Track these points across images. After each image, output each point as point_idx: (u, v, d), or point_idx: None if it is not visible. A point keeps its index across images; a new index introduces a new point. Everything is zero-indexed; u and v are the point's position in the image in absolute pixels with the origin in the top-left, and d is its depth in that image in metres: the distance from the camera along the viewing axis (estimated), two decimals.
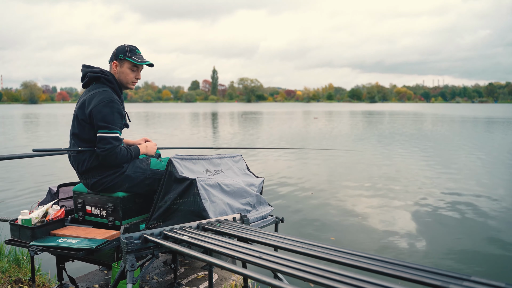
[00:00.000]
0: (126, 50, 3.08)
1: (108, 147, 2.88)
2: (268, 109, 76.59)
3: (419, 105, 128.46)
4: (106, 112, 2.90)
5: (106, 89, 3.01)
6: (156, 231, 2.16)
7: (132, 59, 3.07)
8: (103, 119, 2.89)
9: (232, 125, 32.52)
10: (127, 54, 3.07)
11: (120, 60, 3.09)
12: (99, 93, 2.96)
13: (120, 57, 3.08)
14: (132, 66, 3.09)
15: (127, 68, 3.10)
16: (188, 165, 3.00)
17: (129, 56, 3.07)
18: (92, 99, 2.93)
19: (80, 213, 3.14)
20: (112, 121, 2.92)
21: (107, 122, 2.90)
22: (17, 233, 2.84)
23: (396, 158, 13.67)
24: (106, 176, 2.96)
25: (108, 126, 2.90)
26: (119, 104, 3.02)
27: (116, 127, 2.94)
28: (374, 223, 6.54)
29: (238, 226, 2.28)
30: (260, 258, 1.64)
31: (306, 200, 8.01)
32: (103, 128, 2.89)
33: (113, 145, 2.90)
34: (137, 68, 3.13)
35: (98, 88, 3.01)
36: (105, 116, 2.89)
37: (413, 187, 9.16)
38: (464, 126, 31.68)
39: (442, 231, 6.18)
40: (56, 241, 2.69)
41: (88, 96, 2.97)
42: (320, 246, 1.78)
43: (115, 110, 2.95)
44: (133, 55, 3.09)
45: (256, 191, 3.33)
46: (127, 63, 3.09)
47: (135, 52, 3.11)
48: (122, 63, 3.09)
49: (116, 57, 3.10)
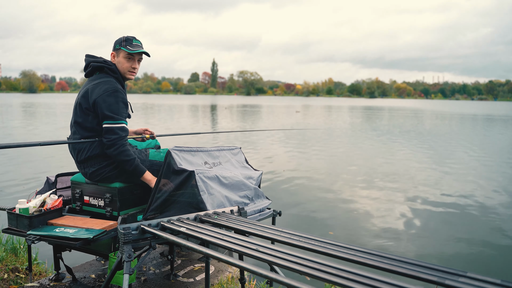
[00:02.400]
0: (122, 40, 3.09)
1: (114, 137, 2.88)
2: (261, 103, 76.41)
3: (419, 101, 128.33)
4: (111, 101, 2.90)
5: (110, 79, 3.01)
6: (153, 222, 2.16)
7: (126, 48, 3.07)
8: (108, 108, 2.89)
9: (216, 116, 32.53)
10: (122, 44, 3.08)
11: (116, 50, 3.11)
12: (103, 83, 2.96)
13: (116, 47, 3.10)
14: (127, 55, 3.09)
15: (122, 57, 3.09)
16: (187, 157, 2.99)
17: (124, 46, 3.07)
18: (96, 88, 2.93)
19: (77, 203, 3.15)
20: (117, 110, 2.92)
21: (112, 112, 2.90)
22: (14, 222, 2.84)
23: (396, 154, 13.69)
24: (105, 166, 2.97)
25: (113, 116, 2.89)
26: (124, 93, 3.02)
27: (121, 117, 2.94)
28: (372, 218, 6.56)
29: (235, 219, 2.29)
30: (257, 251, 1.64)
31: (304, 194, 8.03)
32: (109, 118, 2.89)
33: (119, 135, 2.90)
34: (132, 57, 3.11)
35: (102, 78, 3.01)
36: (110, 105, 2.89)
37: (412, 183, 9.18)
38: (463, 123, 31.71)
39: (439, 227, 6.20)
40: (54, 231, 2.69)
41: (92, 85, 2.96)
42: (317, 239, 1.79)
43: (120, 100, 2.95)
44: (128, 44, 3.08)
45: (254, 184, 3.33)
46: (122, 52, 3.09)
47: (131, 42, 3.10)
48: (118, 53, 3.11)
49: (113, 47, 3.13)
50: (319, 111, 47.92)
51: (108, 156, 2.96)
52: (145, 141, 3.49)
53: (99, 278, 3.20)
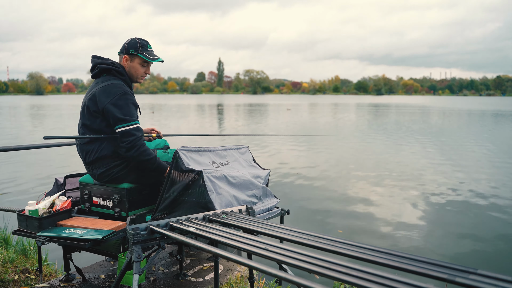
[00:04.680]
0: (138, 45, 3.05)
1: (132, 139, 2.88)
2: (267, 101, 76.31)
3: (426, 98, 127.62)
4: (121, 105, 2.89)
5: (117, 82, 2.99)
6: (162, 222, 2.17)
7: (143, 56, 3.04)
8: (120, 112, 2.88)
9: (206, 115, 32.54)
10: (139, 50, 3.04)
11: (131, 55, 3.07)
12: (112, 86, 2.94)
13: (131, 52, 3.05)
14: (143, 62, 3.08)
15: (138, 63, 3.08)
16: (194, 157, 3.00)
17: (141, 52, 3.05)
18: (104, 92, 2.91)
19: (86, 204, 3.16)
20: (129, 112, 2.91)
21: (124, 114, 2.89)
22: (24, 224, 2.86)
23: (404, 152, 13.63)
24: (113, 167, 2.97)
25: (126, 119, 2.89)
26: (133, 95, 3.02)
27: (134, 118, 2.94)
28: (381, 216, 6.53)
29: (244, 218, 2.29)
30: (265, 250, 1.64)
31: (312, 192, 8.02)
32: (122, 121, 2.88)
33: (136, 136, 2.90)
34: (147, 64, 3.11)
35: (110, 80, 2.99)
36: (121, 109, 2.89)
37: (421, 180, 9.14)
38: (472, 119, 31.49)
39: (449, 224, 6.17)
40: (63, 232, 2.71)
41: (100, 88, 2.94)
42: (326, 238, 1.78)
43: (130, 102, 2.94)
44: (145, 51, 3.06)
45: (262, 183, 3.33)
46: (138, 58, 3.06)
47: (147, 47, 3.07)
48: (133, 58, 3.07)
49: (127, 51, 3.07)
50: (310, 108, 47.74)
51: (116, 157, 2.97)
52: (151, 141, 3.50)
53: (109, 279, 3.21)
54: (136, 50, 3.05)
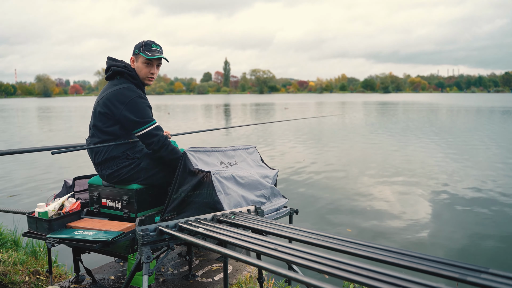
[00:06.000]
0: (141, 45, 3.10)
1: (156, 139, 2.94)
2: (273, 100, 76.25)
3: (434, 95, 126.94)
4: (137, 108, 2.93)
5: (130, 85, 3.03)
6: (171, 223, 2.18)
7: (144, 54, 3.07)
8: (137, 115, 2.92)
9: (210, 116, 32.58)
10: (141, 49, 3.09)
11: (136, 55, 3.13)
12: (124, 89, 2.98)
13: (135, 52, 3.12)
14: (146, 60, 3.10)
15: (141, 62, 3.11)
16: (202, 157, 3.01)
17: (142, 51, 3.08)
18: (117, 95, 2.95)
19: (95, 206, 3.18)
20: (146, 115, 2.96)
21: (142, 117, 2.93)
22: (34, 226, 2.88)
23: (413, 149, 13.56)
24: (122, 168, 3.00)
25: (145, 121, 2.94)
26: (146, 98, 3.06)
27: (152, 118, 2.99)
28: (391, 215, 6.51)
29: (252, 218, 2.29)
30: (274, 250, 1.64)
31: (321, 191, 8.00)
32: (141, 124, 2.93)
33: (159, 135, 2.96)
34: (151, 62, 3.12)
35: (123, 84, 3.03)
36: (138, 112, 2.93)
37: (432, 178, 9.09)
38: (481, 116, 31.28)
39: (460, 223, 6.13)
40: (73, 234, 2.73)
41: (112, 92, 2.98)
42: (335, 238, 1.78)
43: (145, 105, 2.99)
44: (147, 49, 3.09)
45: (271, 183, 3.33)
46: (141, 57, 3.10)
47: (150, 46, 3.10)
48: (137, 58, 3.12)
49: (133, 52, 3.15)
50: (312, 107, 47.69)
51: (125, 158, 3.00)
52: None
53: (119, 280, 3.23)
54: (139, 49, 3.10)
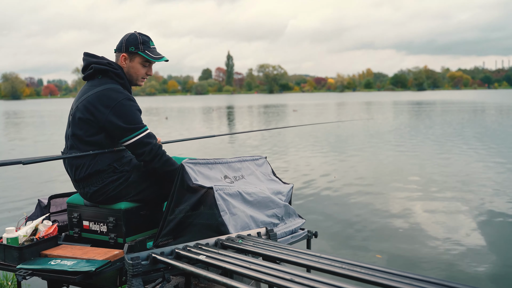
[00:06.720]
0: (139, 42, 3.08)
1: (149, 148, 2.94)
2: (285, 101, 76.33)
3: (479, 92, 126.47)
4: (125, 112, 2.94)
5: (115, 86, 3.02)
6: (166, 250, 2.18)
7: (145, 54, 3.08)
8: (126, 121, 2.92)
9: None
10: (140, 47, 3.08)
11: (130, 53, 3.10)
12: (109, 91, 2.96)
13: (131, 50, 3.08)
14: (145, 61, 3.12)
15: (138, 63, 3.12)
16: (203, 170, 3.01)
17: (142, 50, 3.08)
18: (101, 98, 2.93)
19: (75, 230, 3.18)
20: (135, 120, 2.97)
21: (131, 123, 2.94)
22: (1, 255, 2.87)
23: (454, 159, 13.51)
24: (109, 183, 2.98)
25: (135, 128, 2.94)
26: (135, 100, 3.05)
27: (142, 124, 2.99)
28: (429, 237, 6.47)
29: (263, 243, 2.29)
30: (290, 281, 1.65)
31: (344, 210, 7.98)
32: (131, 131, 2.93)
33: (152, 143, 2.96)
34: (149, 64, 3.15)
35: (107, 84, 3.01)
36: (127, 117, 2.93)
37: (477, 193, 9.01)
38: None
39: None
40: (48, 263, 2.73)
41: (95, 94, 2.96)
42: (363, 266, 1.78)
43: (134, 108, 3.00)
44: (147, 48, 3.10)
45: (284, 201, 3.34)
46: (139, 57, 3.10)
47: (149, 44, 3.11)
48: (133, 57, 3.11)
49: (126, 48, 3.10)
50: (314, 109, 47.66)
51: (112, 171, 2.99)
52: None
53: None
54: (136, 47, 3.08)
